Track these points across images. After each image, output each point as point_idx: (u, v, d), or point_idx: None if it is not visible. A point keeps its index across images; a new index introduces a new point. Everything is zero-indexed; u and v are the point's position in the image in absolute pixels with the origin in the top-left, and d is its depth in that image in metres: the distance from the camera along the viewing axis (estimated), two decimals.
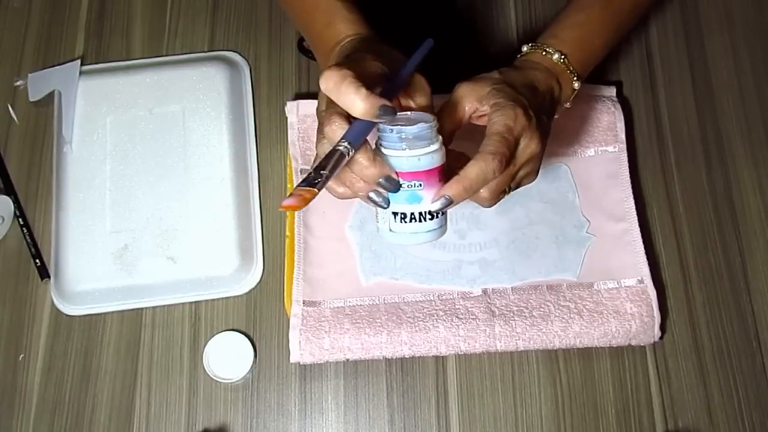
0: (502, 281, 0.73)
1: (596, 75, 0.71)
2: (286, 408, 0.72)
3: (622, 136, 0.78)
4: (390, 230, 0.57)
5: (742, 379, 0.72)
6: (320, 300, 0.73)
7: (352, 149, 0.52)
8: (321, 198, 0.54)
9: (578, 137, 0.79)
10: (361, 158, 0.53)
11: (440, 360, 0.73)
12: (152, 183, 0.77)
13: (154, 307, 0.75)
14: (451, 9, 0.86)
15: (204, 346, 0.73)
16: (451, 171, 0.56)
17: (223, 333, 0.74)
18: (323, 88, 0.52)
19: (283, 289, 0.75)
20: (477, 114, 0.60)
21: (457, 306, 0.72)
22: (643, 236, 0.74)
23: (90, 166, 0.77)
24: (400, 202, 0.55)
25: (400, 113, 0.55)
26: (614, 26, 0.70)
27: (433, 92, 0.59)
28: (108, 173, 0.77)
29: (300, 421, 0.71)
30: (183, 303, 0.75)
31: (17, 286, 0.76)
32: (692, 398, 0.71)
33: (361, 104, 0.51)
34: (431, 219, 0.56)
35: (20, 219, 0.78)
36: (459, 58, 0.78)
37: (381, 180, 0.54)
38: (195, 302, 0.75)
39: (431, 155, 0.54)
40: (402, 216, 0.56)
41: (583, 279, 0.73)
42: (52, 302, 0.75)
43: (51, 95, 0.82)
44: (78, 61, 0.83)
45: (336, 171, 0.51)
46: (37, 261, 0.76)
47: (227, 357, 0.73)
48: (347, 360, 0.71)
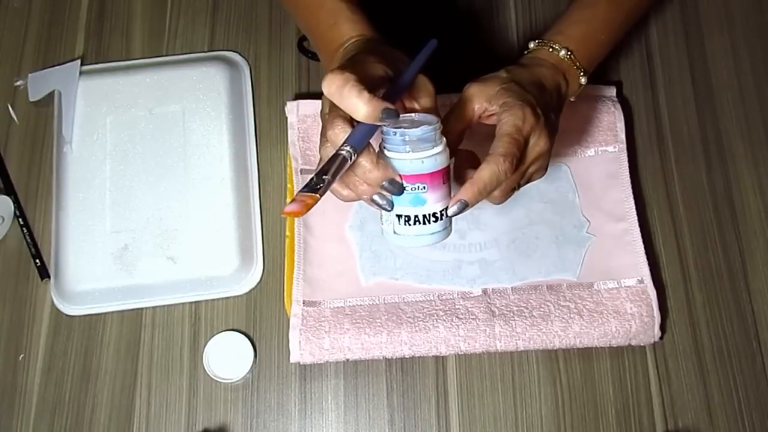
0: (502, 281, 0.73)
1: (596, 75, 0.71)
2: (286, 408, 0.72)
3: (622, 136, 0.78)
4: (394, 232, 0.57)
5: (742, 379, 0.72)
6: (320, 300, 0.73)
7: (355, 153, 0.51)
8: (322, 198, 0.55)
9: (578, 137, 0.79)
10: (365, 162, 0.53)
11: (440, 360, 0.73)
12: (152, 183, 0.77)
13: (154, 307, 0.75)
14: (452, 8, 0.86)
15: (204, 346, 0.73)
16: (462, 170, 0.56)
17: (223, 333, 0.74)
18: (326, 92, 0.52)
19: (283, 289, 0.75)
20: (486, 113, 0.61)
21: (457, 306, 0.72)
22: (643, 236, 0.74)
23: (90, 166, 0.77)
24: (404, 205, 0.55)
25: (404, 115, 0.55)
26: (619, 22, 0.71)
27: (437, 92, 0.59)
28: (108, 173, 0.77)
29: (300, 421, 0.71)
30: (183, 303, 0.75)
31: (17, 286, 0.76)
32: (692, 398, 0.71)
33: (364, 108, 0.51)
34: (435, 221, 0.56)
35: (20, 219, 0.78)
36: (459, 58, 0.78)
37: (384, 183, 0.54)
38: (195, 302, 0.75)
39: (435, 158, 0.54)
40: (406, 218, 0.56)
41: (583, 279, 0.73)
42: (52, 302, 0.75)
43: (51, 95, 0.82)
44: (78, 61, 0.83)
45: (338, 176, 0.51)
46: (37, 261, 0.76)
47: (227, 357, 0.73)
48: (347, 360, 0.71)
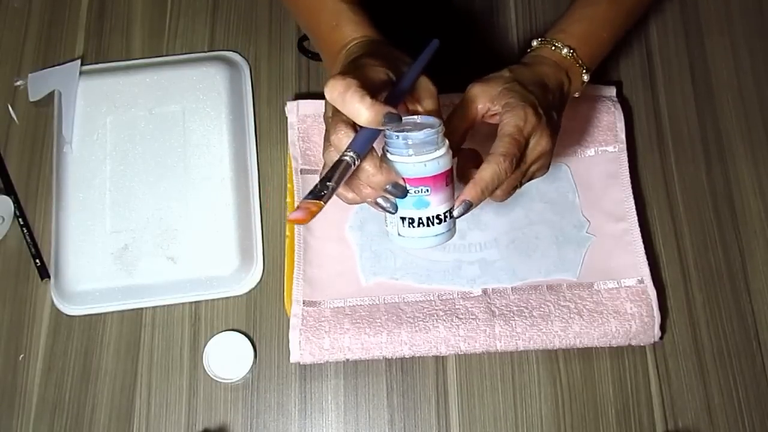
0: (502, 281, 0.73)
1: (596, 75, 0.71)
2: (286, 408, 0.72)
3: (622, 136, 0.78)
4: (399, 234, 0.57)
5: (742, 379, 0.72)
6: (320, 300, 0.73)
7: (358, 159, 0.52)
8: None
9: (578, 137, 0.78)
10: (368, 166, 0.53)
11: (440, 360, 0.73)
12: (152, 183, 0.77)
13: (154, 307, 0.75)
14: (452, 8, 0.86)
15: (204, 346, 0.73)
16: (466, 169, 0.56)
17: (223, 333, 0.74)
18: (328, 98, 0.52)
19: (283, 289, 0.75)
20: (489, 113, 0.61)
21: (457, 306, 0.72)
22: (643, 236, 0.74)
23: (90, 166, 0.77)
24: (408, 208, 0.56)
25: (407, 117, 0.55)
26: (621, 19, 0.71)
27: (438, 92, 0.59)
28: (108, 173, 0.77)
29: (300, 421, 0.71)
30: (183, 303, 0.75)
31: (17, 286, 0.76)
32: (692, 398, 0.71)
33: (366, 113, 0.51)
34: (439, 223, 0.56)
35: (20, 219, 0.78)
36: (459, 58, 0.78)
37: (388, 186, 0.54)
38: (195, 302, 0.75)
39: (437, 161, 0.55)
40: (410, 221, 0.56)
41: (583, 279, 0.73)
42: (52, 302, 0.75)
43: (51, 95, 0.82)
44: (78, 61, 0.83)
45: (342, 182, 0.51)
46: (37, 261, 0.76)
47: (227, 357, 0.73)
48: (347, 360, 0.71)
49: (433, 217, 0.56)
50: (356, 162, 0.52)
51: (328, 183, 0.50)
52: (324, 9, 0.65)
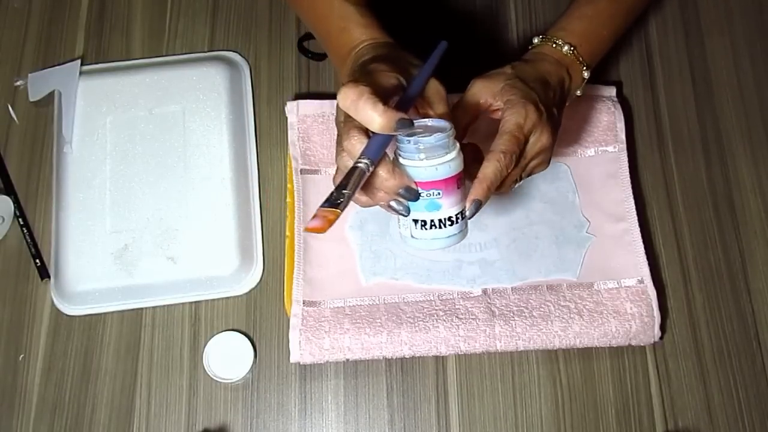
0: (502, 281, 0.73)
1: (596, 75, 0.71)
2: (286, 408, 0.72)
3: (622, 136, 0.78)
4: (412, 236, 0.58)
5: (742, 379, 0.72)
6: (320, 300, 0.73)
7: (372, 165, 0.52)
8: (322, 198, 0.54)
9: (578, 137, 0.79)
10: (381, 171, 0.54)
11: (440, 360, 0.73)
12: (152, 183, 0.77)
13: (154, 307, 0.75)
14: (452, 8, 0.86)
15: (204, 346, 0.73)
16: (466, 163, 0.57)
17: (223, 333, 0.74)
18: (341, 105, 0.53)
19: (283, 289, 0.75)
20: (491, 108, 0.62)
21: (457, 306, 0.72)
22: (643, 236, 0.74)
23: (90, 166, 0.77)
24: (420, 210, 0.56)
25: (418, 121, 0.56)
26: (621, 17, 0.72)
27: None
28: (108, 173, 0.77)
29: (300, 421, 0.71)
30: (183, 303, 0.75)
31: (17, 286, 0.76)
32: (692, 398, 0.71)
33: (379, 120, 0.52)
34: (451, 225, 0.57)
35: (20, 219, 0.78)
36: (459, 57, 0.78)
37: (400, 190, 0.55)
38: (195, 302, 0.75)
39: (449, 164, 0.55)
40: (422, 223, 0.57)
41: (583, 279, 0.73)
42: (52, 302, 0.75)
43: (51, 95, 0.82)
44: (78, 61, 0.83)
45: (357, 188, 0.51)
46: (37, 261, 0.76)
47: (227, 357, 0.73)
48: (347, 360, 0.71)
49: (445, 219, 0.56)
50: (370, 168, 0.52)
51: (344, 191, 0.50)
52: (332, 12, 0.66)
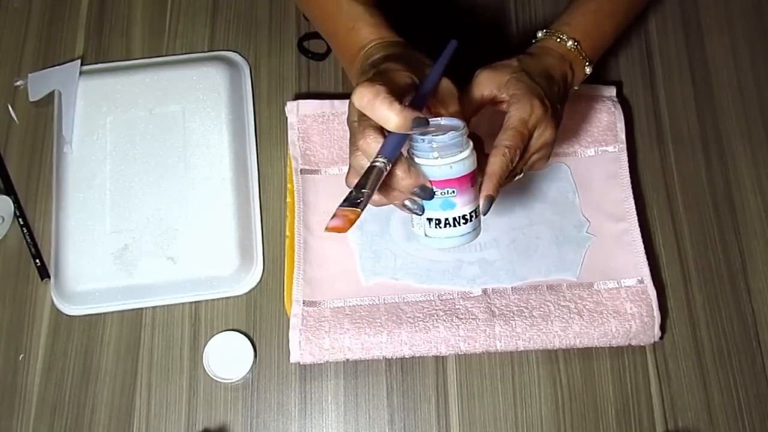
0: (502, 281, 0.73)
1: (596, 75, 0.71)
2: (286, 408, 0.72)
3: (622, 136, 0.78)
4: (426, 235, 0.58)
5: (742, 379, 0.72)
6: (320, 300, 0.73)
7: (389, 164, 0.52)
8: (322, 198, 0.54)
9: (578, 137, 0.79)
10: (397, 170, 0.54)
11: (440, 360, 0.73)
12: (152, 183, 0.77)
13: (154, 307, 0.75)
14: (452, 9, 0.86)
15: (204, 346, 0.73)
16: None
17: (223, 333, 0.74)
18: (357, 105, 0.53)
19: (283, 289, 0.75)
20: (496, 100, 0.63)
21: (457, 306, 0.72)
22: (643, 236, 0.74)
23: (90, 166, 0.77)
24: (434, 209, 0.57)
25: (431, 120, 0.56)
26: (622, 13, 0.72)
27: None
28: (108, 173, 0.77)
29: (300, 421, 0.71)
30: (183, 303, 0.75)
31: (17, 286, 0.76)
32: (692, 398, 0.71)
33: (395, 119, 0.52)
34: (465, 223, 0.57)
35: (20, 219, 0.78)
36: (459, 58, 0.78)
37: (415, 189, 0.55)
38: (195, 302, 0.75)
39: (462, 162, 0.56)
40: (437, 221, 0.57)
41: (583, 279, 0.73)
42: (52, 302, 0.75)
43: (51, 95, 0.82)
44: (78, 61, 0.83)
45: (376, 187, 0.51)
46: (37, 261, 0.76)
47: (227, 357, 0.73)
48: (347, 360, 0.71)
49: (459, 218, 0.57)
50: (387, 167, 0.52)
51: (363, 190, 0.51)
52: (340, 11, 0.66)
